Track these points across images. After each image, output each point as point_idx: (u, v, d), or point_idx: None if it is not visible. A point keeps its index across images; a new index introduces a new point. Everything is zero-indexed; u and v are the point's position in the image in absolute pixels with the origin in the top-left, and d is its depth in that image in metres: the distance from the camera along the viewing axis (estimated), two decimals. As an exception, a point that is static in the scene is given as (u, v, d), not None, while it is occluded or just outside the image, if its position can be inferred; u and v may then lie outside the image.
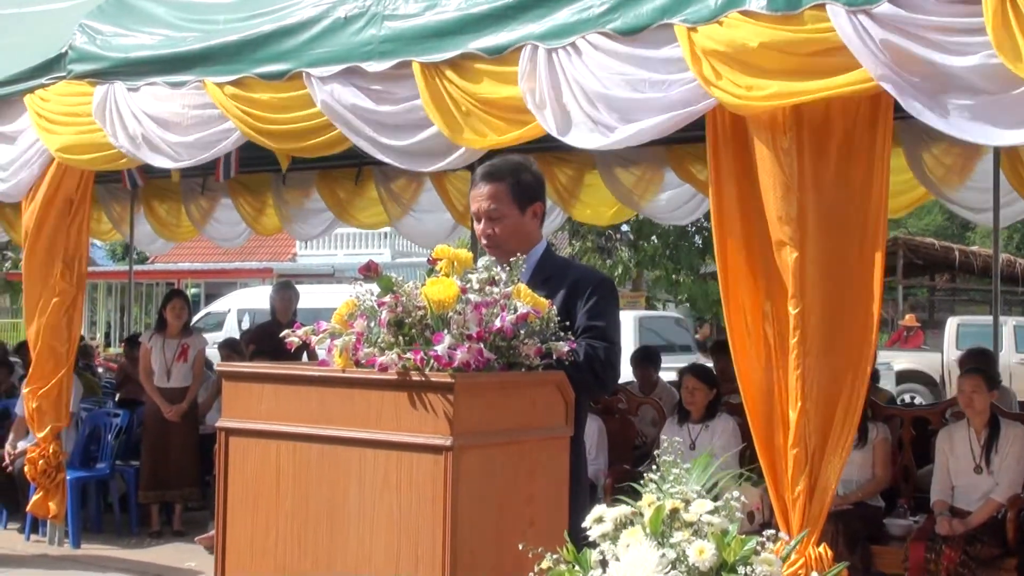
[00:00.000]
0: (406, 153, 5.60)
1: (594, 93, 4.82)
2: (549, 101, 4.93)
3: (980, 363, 6.40)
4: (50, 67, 6.71)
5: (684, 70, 4.57)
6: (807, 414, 4.46)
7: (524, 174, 3.71)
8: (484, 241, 3.67)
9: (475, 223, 3.73)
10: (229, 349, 9.25)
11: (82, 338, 8.16)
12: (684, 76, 4.59)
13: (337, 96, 5.58)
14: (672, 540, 2.28)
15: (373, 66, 5.46)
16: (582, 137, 4.90)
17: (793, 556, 4.42)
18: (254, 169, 9.69)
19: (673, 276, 22.12)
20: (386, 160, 5.75)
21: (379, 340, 2.89)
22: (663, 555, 2.24)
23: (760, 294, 4.58)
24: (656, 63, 4.67)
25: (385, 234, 30.10)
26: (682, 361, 9.39)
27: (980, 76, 4.04)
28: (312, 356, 3.30)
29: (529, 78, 4.97)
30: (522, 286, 3.04)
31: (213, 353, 9.32)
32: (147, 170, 9.63)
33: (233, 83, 5.93)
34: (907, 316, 21.52)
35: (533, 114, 4.99)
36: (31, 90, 6.74)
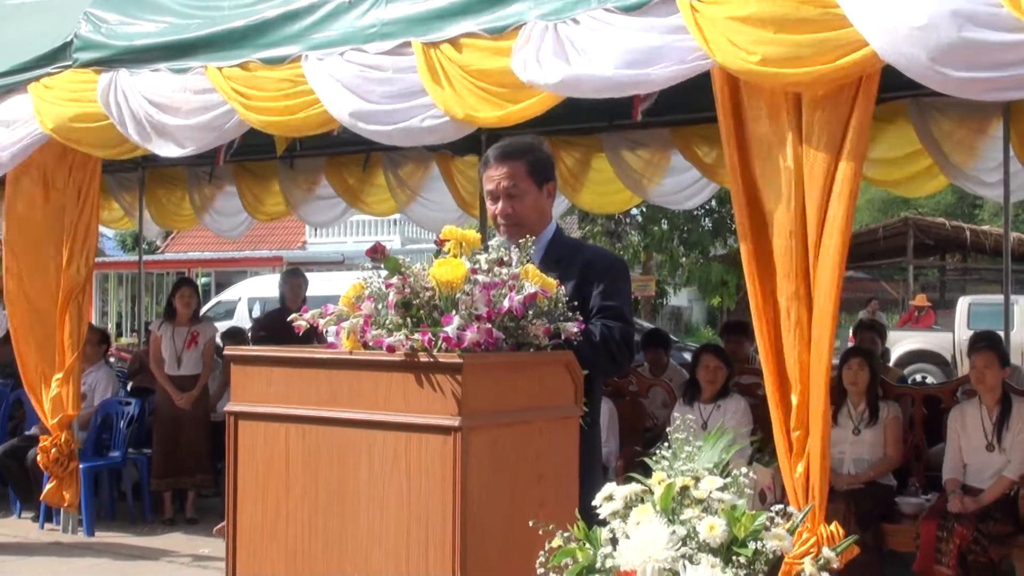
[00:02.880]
0: (393, 132, 5.55)
1: (590, 47, 4.76)
2: (541, 60, 4.86)
3: (991, 341, 6.37)
4: (55, 56, 6.70)
5: (686, 33, 4.54)
6: (805, 395, 4.46)
7: (539, 152, 3.75)
8: (502, 220, 3.66)
9: (490, 203, 3.71)
10: (232, 340, 9.21)
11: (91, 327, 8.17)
12: (686, 39, 4.55)
13: (329, 72, 5.56)
14: (682, 517, 2.27)
15: (375, 47, 5.45)
16: (569, 82, 4.82)
17: (805, 535, 4.44)
18: (261, 157, 9.70)
19: (681, 259, 22.16)
20: (366, 135, 5.68)
21: (387, 322, 2.88)
22: (673, 532, 2.24)
23: (765, 275, 4.57)
24: (660, 29, 4.63)
25: (395, 221, 30.10)
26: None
27: (978, 21, 3.96)
28: (321, 343, 3.30)
29: (525, 46, 4.93)
30: (531, 266, 3.03)
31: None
32: (153, 157, 9.68)
33: (234, 67, 5.92)
34: (917, 296, 21.50)
35: (520, 77, 4.93)
36: (36, 79, 6.74)
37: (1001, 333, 7.19)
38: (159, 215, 10.99)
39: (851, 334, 9.39)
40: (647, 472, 2.43)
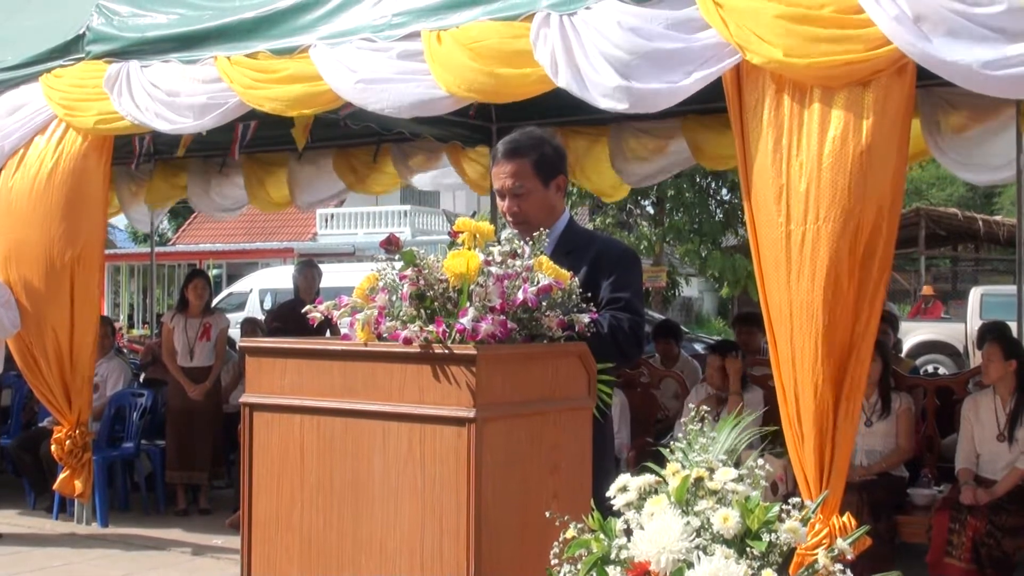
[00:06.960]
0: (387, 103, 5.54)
1: (610, 55, 4.77)
2: (564, 64, 4.87)
3: (996, 333, 6.32)
4: (68, 49, 6.73)
5: (704, 28, 4.53)
6: (821, 386, 4.45)
7: (546, 148, 3.70)
8: (509, 218, 3.66)
9: (499, 200, 3.72)
10: (251, 326, 9.28)
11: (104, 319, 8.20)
12: (706, 35, 4.54)
13: (336, 57, 5.58)
14: (696, 508, 2.28)
15: (384, 35, 5.46)
16: (599, 99, 4.85)
17: (818, 526, 4.43)
18: (275, 148, 9.71)
19: (701, 250, 22.15)
20: (361, 104, 5.67)
21: (401, 313, 2.88)
22: (687, 523, 2.24)
23: (780, 264, 4.56)
24: (676, 23, 4.63)
25: (405, 212, 30.24)
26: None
27: (1006, 20, 3.95)
28: (335, 334, 3.31)
29: (543, 44, 4.92)
30: (544, 258, 3.02)
31: (235, 333, 9.36)
32: (160, 151, 9.68)
33: (242, 57, 5.95)
34: (925, 287, 21.45)
35: (547, 72, 4.95)
36: (49, 71, 6.76)
37: (1013, 324, 7.16)
38: (150, 196, 10.82)
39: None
40: (659, 463, 2.44)
